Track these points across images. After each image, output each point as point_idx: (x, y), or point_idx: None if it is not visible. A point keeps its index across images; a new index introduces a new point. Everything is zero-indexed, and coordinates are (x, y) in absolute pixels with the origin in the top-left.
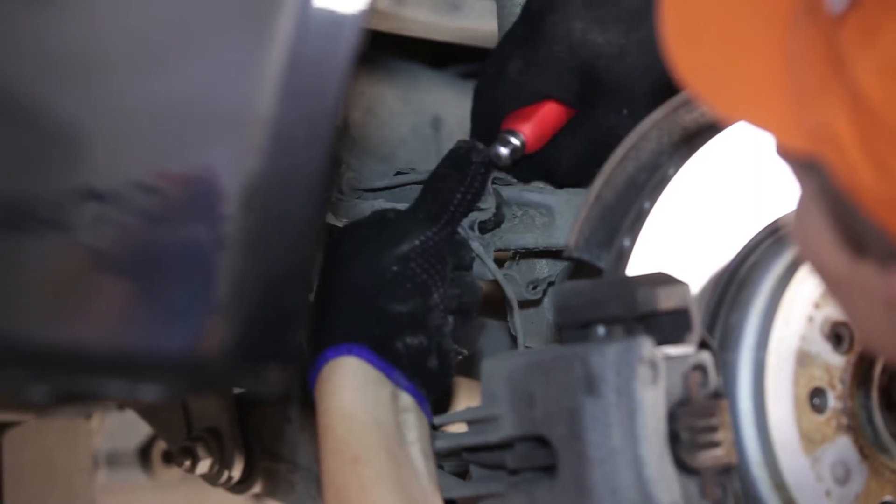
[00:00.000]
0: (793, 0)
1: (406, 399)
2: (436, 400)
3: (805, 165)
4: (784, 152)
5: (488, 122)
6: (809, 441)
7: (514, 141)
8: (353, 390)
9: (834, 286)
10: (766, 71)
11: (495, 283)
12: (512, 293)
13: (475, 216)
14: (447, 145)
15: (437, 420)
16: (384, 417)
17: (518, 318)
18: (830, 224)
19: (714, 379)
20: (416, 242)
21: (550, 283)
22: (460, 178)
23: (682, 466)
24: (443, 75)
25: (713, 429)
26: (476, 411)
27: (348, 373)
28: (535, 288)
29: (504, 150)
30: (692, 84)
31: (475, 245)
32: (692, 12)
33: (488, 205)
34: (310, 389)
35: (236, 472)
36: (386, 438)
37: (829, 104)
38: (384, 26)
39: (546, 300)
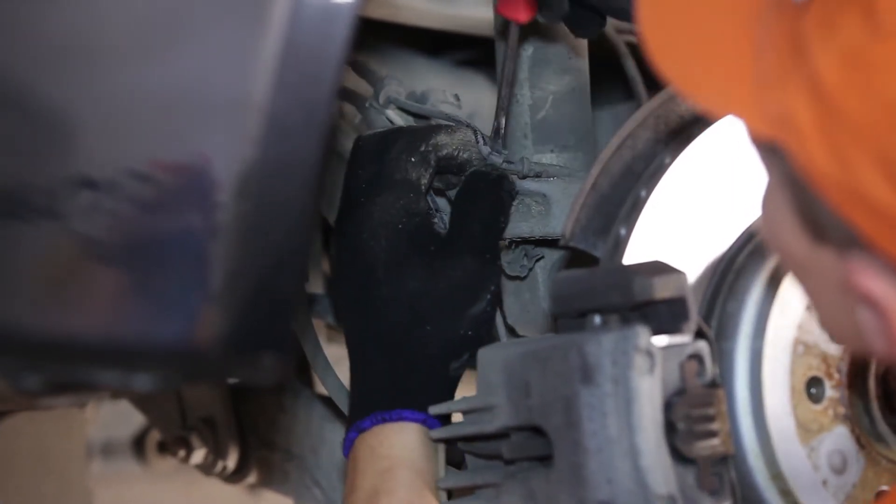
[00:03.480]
0: None
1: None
2: None
3: (769, 151)
4: (750, 138)
5: None
6: (806, 430)
7: None
8: (420, 449)
9: (796, 271)
10: (734, 57)
11: None
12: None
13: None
14: None
15: (433, 410)
16: (432, 473)
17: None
18: (793, 210)
19: (710, 368)
20: (489, 297)
21: (538, 259)
22: (497, 206)
23: (679, 456)
24: (438, 63)
25: (710, 418)
26: (472, 401)
27: (416, 435)
28: (522, 266)
29: None
30: (663, 69)
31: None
32: None
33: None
34: (363, 426)
35: (231, 462)
36: (433, 492)
37: (790, 91)
38: (379, 14)
39: (542, 289)
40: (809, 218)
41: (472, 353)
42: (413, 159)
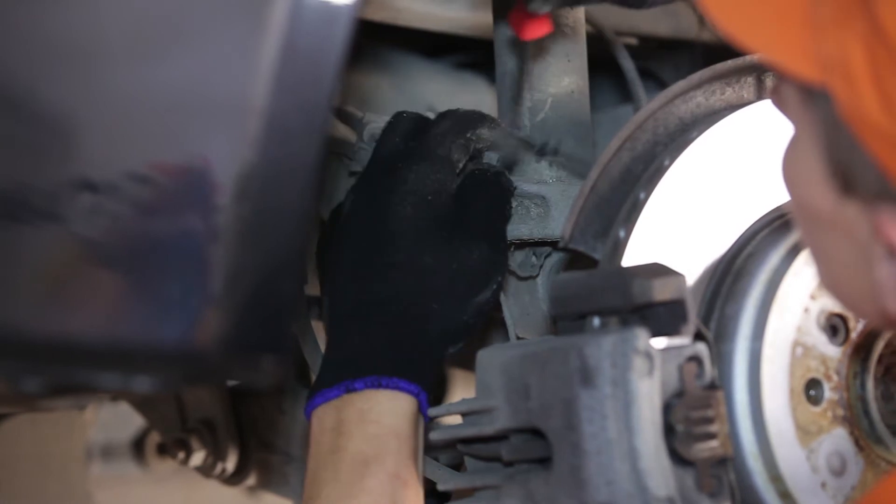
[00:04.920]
0: None
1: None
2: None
3: (809, 95)
4: (787, 82)
5: None
6: (805, 432)
7: None
8: (410, 421)
9: (813, 225)
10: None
11: None
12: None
13: None
14: None
15: (432, 412)
16: (417, 447)
17: (507, 311)
18: (821, 159)
19: (709, 370)
20: (495, 287)
21: (547, 256)
22: (502, 197)
23: (678, 458)
24: (437, 65)
25: (709, 420)
26: (471, 403)
27: (408, 406)
28: (532, 266)
29: None
30: (710, 8)
31: None
32: None
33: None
34: (354, 387)
35: (230, 464)
36: (417, 466)
37: (846, 34)
38: (378, 16)
39: (542, 291)
40: (840, 167)
41: (468, 342)
42: (458, 141)
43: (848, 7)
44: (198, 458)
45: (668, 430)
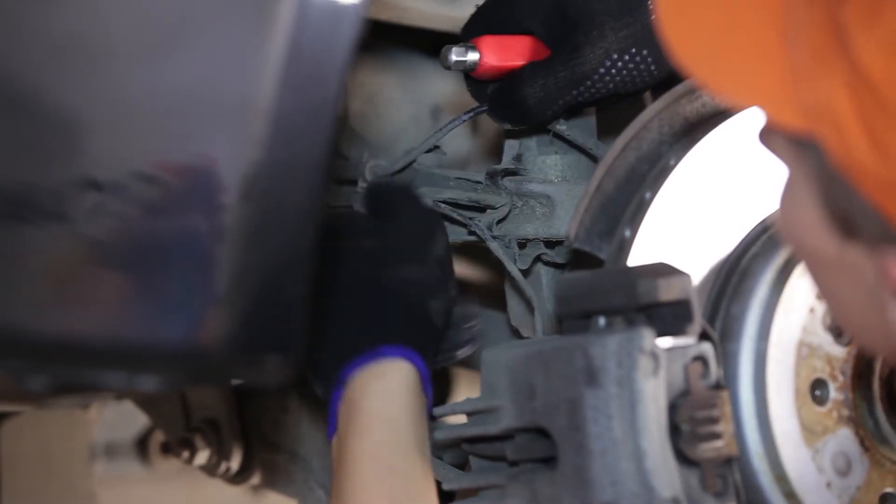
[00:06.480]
0: None
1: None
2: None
3: (798, 145)
4: (775, 132)
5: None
6: (810, 433)
7: (469, 53)
8: (402, 398)
9: (818, 270)
10: (762, 48)
11: (499, 273)
12: (532, 293)
13: (492, 216)
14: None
15: (437, 411)
16: (422, 430)
17: (539, 318)
18: (819, 205)
19: (715, 370)
20: (447, 242)
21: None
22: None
23: (683, 458)
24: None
25: (714, 420)
26: (476, 402)
27: (398, 378)
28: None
29: (454, 56)
30: (685, 61)
31: (494, 246)
32: None
33: (503, 201)
34: (340, 379)
35: (235, 464)
36: (422, 453)
37: (828, 81)
38: (384, 16)
39: (547, 290)
40: (839, 213)
41: (452, 297)
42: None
43: (826, 52)
44: (202, 457)
45: (674, 430)
